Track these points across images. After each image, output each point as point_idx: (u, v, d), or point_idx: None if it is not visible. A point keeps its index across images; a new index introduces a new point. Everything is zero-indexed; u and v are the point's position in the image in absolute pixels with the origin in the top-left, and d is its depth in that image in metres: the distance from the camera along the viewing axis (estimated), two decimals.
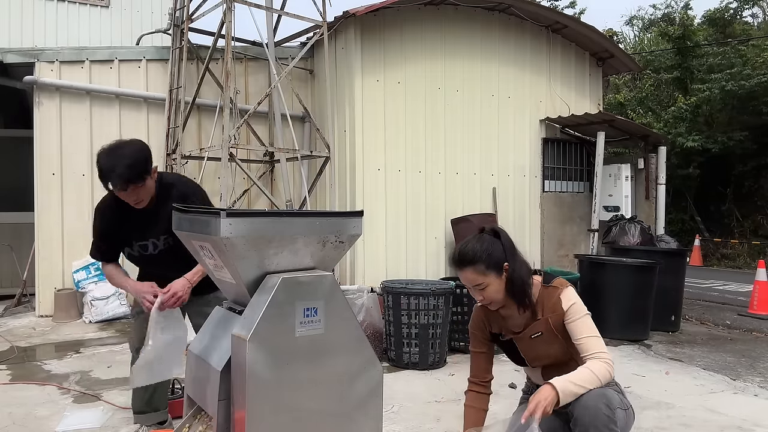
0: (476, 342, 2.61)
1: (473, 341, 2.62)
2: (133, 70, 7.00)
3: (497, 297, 2.35)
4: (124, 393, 3.88)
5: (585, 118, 8.03)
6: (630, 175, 8.36)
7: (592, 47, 8.78)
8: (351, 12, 6.70)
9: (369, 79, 6.97)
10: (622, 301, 5.59)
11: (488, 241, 2.35)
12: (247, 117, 6.39)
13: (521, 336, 2.45)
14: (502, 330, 2.52)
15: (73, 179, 6.62)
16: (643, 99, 17.59)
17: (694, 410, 3.70)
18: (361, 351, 2.35)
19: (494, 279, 2.32)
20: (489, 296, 2.35)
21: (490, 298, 2.36)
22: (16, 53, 6.63)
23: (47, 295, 6.46)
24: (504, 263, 2.33)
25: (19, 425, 3.32)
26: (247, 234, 2.11)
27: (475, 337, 2.60)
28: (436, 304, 4.54)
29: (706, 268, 13.45)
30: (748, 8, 18.45)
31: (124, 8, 9.85)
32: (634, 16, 24.97)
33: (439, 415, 3.49)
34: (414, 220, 7.27)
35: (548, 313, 2.37)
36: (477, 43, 7.74)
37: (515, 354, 2.54)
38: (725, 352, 5.31)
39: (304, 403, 2.19)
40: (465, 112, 7.64)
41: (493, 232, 2.41)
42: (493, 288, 2.33)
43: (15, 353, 4.92)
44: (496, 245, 2.34)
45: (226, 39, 6.17)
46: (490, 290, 2.33)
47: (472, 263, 2.32)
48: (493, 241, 2.36)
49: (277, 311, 2.13)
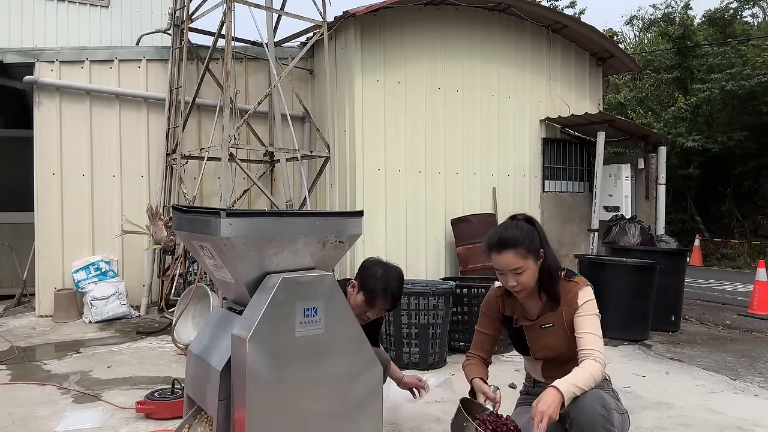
0: (486, 322, 2.62)
1: (482, 321, 2.63)
2: (133, 70, 7.00)
3: (531, 283, 2.38)
4: (124, 393, 3.88)
5: (585, 118, 8.02)
6: (630, 175, 8.35)
7: (592, 47, 8.78)
8: (351, 12, 6.70)
9: (369, 79, 6.96)
10: (622, 301, 5.59)
11: (525, 227, 2.40)
12: (247, 117, 6.38)
13: (533, 324, 2.48)
14: (516, 314, 2.54)
15: (73, 179, 6.62)
16: (643, 99, 17.58)
17: (694, 410, 3.70)
18: (361, 351, 2.35)
19: (532, 263, 2.35)
20: (524, 282, 2.36)
21: (524, 284, 2.37)
22: (16, 53, 6.63)
23: (47, 295, 6.46)
24: (540, 249, 2.37)
25: (19, 425, 3.31)
26: (247, 234, 2.11)
27: (485, 317, 2.62)
28: (436, 304, 4.54)
29: (706, 268, 13.44)
30: (748, 8, 18.42)
31: (124, 8, 9.84)
32: (634, 16, 24.95)
33: (439, 415, 3.49)
34: (414, 220, 7.27)
35: (564, 306, 2.40)
36: (477, 43, 7.74)
37: (521, 342, 2.55)
38: (725, 352, 5.30)
39: (304, 403, 2.19)
40: (465, 112, 7.64)
41: (527, 219, 2.45)
42: (530, 273, 2.35)
43: (15, 353, 4.91)
44: (533, 231, 2.39)
45: (226, 39, 6.17)
46: (526, 275, 2.35)
47: (514, 246, 2.33)
48: (530, 227, 2.40)
49: (277, 311, 2.13)
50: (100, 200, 6.76)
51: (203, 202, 7.20)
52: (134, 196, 6.88)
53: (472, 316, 4.81)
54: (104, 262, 6.58)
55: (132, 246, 6.76)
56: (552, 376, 2.38)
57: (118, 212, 6.76)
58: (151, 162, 7.02)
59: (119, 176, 6.87)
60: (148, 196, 6.91)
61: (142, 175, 6.98)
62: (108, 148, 6.82)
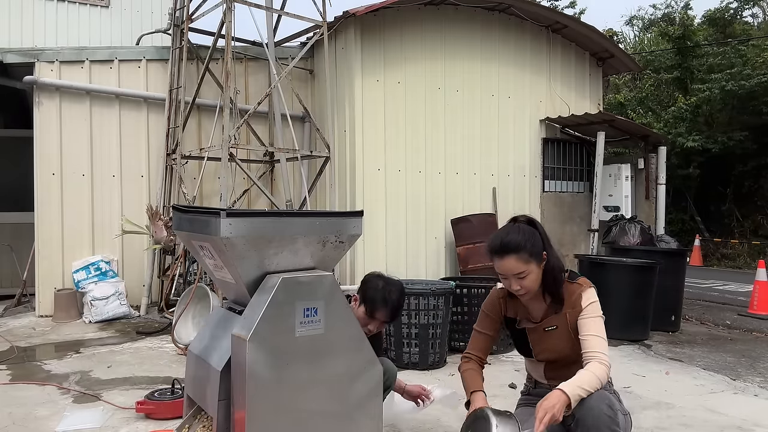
0: (486, 323, 2.57)
1: (482, 321, 2.58)
2: (133, 70, 7.00)
3: (534, 286, 2.36)
4: (124, 393, 3.88)
5: (585, 118, 8.02)
6: (630, 175, 8.35)
7: (592, 47, 8.78)
8: (351, 12, 6.70)
9: (369, 79, 6.96)
10: (622, 301, 5.59)
11: (527, 230, 2.37)
12: (247, 117, 6.38)
13: (536, 327, 2.46)
14: (519, 316, 2.52)
15: (73, 179, 6.62)
16: (643, 99, 17.59)
17: (694, 410, 3.70)
18: (361, 351, 2.35)
19: (535, 268, 2.33)
20: (527, 285, 2.34)
21: (528, 288, 2.35)
22: (16, 53, 6.63)
23: (47, 295, 6.46)
24: (543, 252, 2.34)
25: (19, 425, 3.31)
26: (247, 234, 2.11)
27: (487, 317, 2.57)
28: (436, 304, 4.54)
29: (706, 268, 13.44)
30: (748, 8, 18.43)
31: (124, 8, 9.84)
32: (634, 16, 24.95)
33: (439, 415, 3.48)
34: (414, 220, 7.27)
35: (568, 308, 2.38)
36: (477, 43, 7.74)
37: (524, 343, 2.53)
38: (725, 352, 5.30)
39: (304, 404, 2.19)
40: (465, 112, 7.64)
41: (529, 221, 2.42)
42: (533, 277, 2.33)
43: (15, 353, 4.91)
44: (535, 234, 2.36)
45: (226, 39, 6.17)
46: (530, 279, 2.33)
47: (516, 251, 2.31)
48: (532, 230, 2.38)
49: (277, 311, 2.13)
50: (100, 200, 6.76)
51: (203, 202, 7.20)
52: (134, 196, 6.88)
53: (472, 316, 4.81)
54: (104, 262, 6.58)
55: (132, 246, 6.76)
56: (554, 377, 2.38)
57: (118, 212, 6.76)
58: (151, 162, 7.02)
59: (119, 176, 6.87)
60: (148, 196, 6.91)
61: (142, 175, 6.98)
62: (108, 148, 6.82)
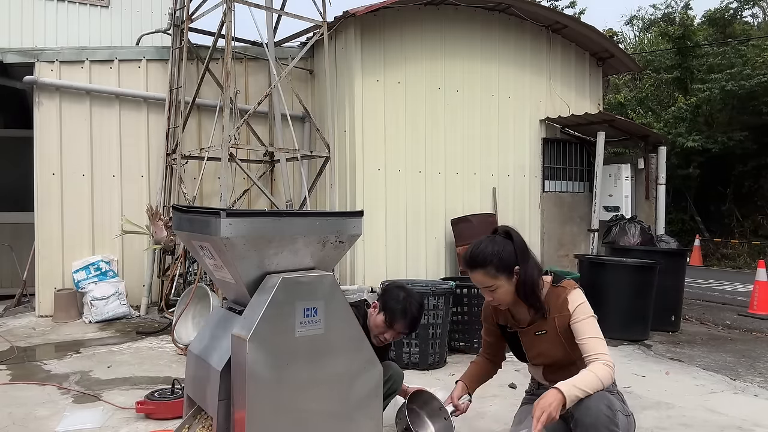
0: (486, 329, 2.71)
1: (484, 328, 2.72)
2: (133, 70, 7.00)
3: (506, 299, 2.37)
4: (124, 393, 3.88)
5: (585, 118, 8.02)
6: (630, 175, 8.35)
7: (592, 47, 8.78)
8: (351, 12, 6.70)
9: (369, 79, 6.96)
10: (622, 301, 5.59)
11: (500, 243, 2.35)
12: (247, 117, 6.38)
13: (526, 330, 2.47)
14: (508, 323, 2.55)
15: (73, 179, 6.62)
16: (643, 99, 17.58)
17: (694, 410, 3.69)
18: (361, 351, 2.35)
19: (504, 282, 2.33)
20: (498, 298, 2.37)
21: (499, 300, 2.38)
22: (16, 53, 6.63)
23: (47, 295, 6.46)
24: (515, 266, 2.32)
25: (19, 425, 3.31)
26: (247, 234, 2.11)
27: (485, 324, 2.71)
28: (436, 304, 4.54)
29: (706, 268, 13.44)
30: (748, 8, 18.42)
31: (124, 8, 9.84)
32: (634, 16, 24.95)
33: None
34: (414, 220, 7.27)
35: (555, 313, 2.38)
36: (477, 43, 7.74)
37: (518, 348, 2.55)
38: (725, 352, 5.30)
39: (304, 404, 2.19)
40: (465, 112, 7.64)
41: (506, 233, 2.40)
42: (503, 290, 2.34)
43: (15, 353, 4.91)
44: (507, 248, 2.33)
45: (226, 39, 6.17)
46: (500, 292, 2.35)
47: (482, 266, 2.32)
48: (506, 243, 2.35)
49: (277, 311, 2.13)
50: (100, 200, 6.76)
51: (203, 202, 7.20)
52: (134, 196, 6.88)
53: (472, 316, 4.81)
54: (104, 262, 6.58)
55: (132, 246, 6.76)
56: (554, 379, 2.37)
57: (118, 212, 6.76)
58: (151, 162, 7.02)
59: (119, 176, 6.87)
60: (148, 196, 6.91)
61: (142, 175, 6.98)
62: (108, 148, 6.82)
